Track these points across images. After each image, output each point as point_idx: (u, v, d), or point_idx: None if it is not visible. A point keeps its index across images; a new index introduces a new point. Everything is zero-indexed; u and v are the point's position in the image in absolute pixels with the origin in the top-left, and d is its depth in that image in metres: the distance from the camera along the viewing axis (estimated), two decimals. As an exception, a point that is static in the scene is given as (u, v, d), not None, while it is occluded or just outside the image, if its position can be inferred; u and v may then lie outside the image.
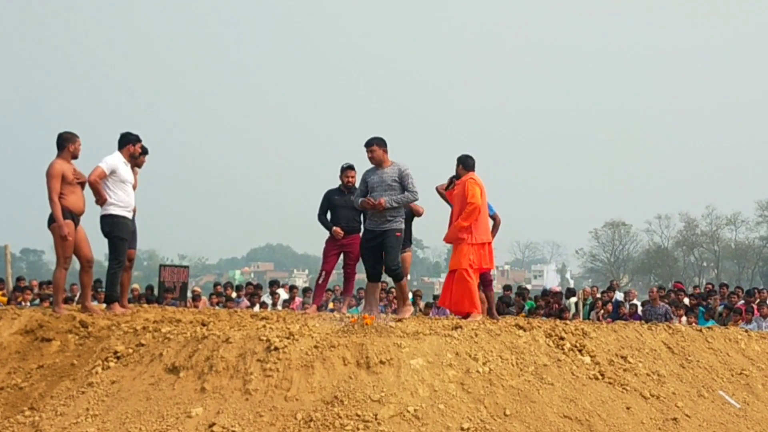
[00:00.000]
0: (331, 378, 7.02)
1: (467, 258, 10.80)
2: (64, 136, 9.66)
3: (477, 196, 10.72)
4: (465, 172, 11.12)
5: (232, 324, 8.83)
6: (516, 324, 9.30)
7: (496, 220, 11.71)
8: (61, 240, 9.48)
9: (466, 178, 11.01)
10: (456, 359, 7.66)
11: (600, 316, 17.58)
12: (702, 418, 8.77)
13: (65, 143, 9.64)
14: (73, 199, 9.61)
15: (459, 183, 11.09)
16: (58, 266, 9.69)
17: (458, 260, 10.89)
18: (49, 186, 9.43)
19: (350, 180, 12.08)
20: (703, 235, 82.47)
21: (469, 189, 10.81)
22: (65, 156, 9.64)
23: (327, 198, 12.23)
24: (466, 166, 11.17)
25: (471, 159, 11.22)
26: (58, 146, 9.64)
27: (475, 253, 10.84)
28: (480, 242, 10.86)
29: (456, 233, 10.85)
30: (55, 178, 9.44)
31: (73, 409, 7.13)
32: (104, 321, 8.86)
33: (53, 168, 9.49)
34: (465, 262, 10.80)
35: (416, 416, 6.77)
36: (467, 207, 10.71)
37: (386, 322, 8.25)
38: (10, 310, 9.38)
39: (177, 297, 16.46)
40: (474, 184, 10.84)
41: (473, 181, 10.89)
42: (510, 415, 7.22)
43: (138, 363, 7.62)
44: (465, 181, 10.96)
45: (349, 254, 12.19)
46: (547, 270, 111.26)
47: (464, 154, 11.27)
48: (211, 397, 6.91)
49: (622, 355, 9.34)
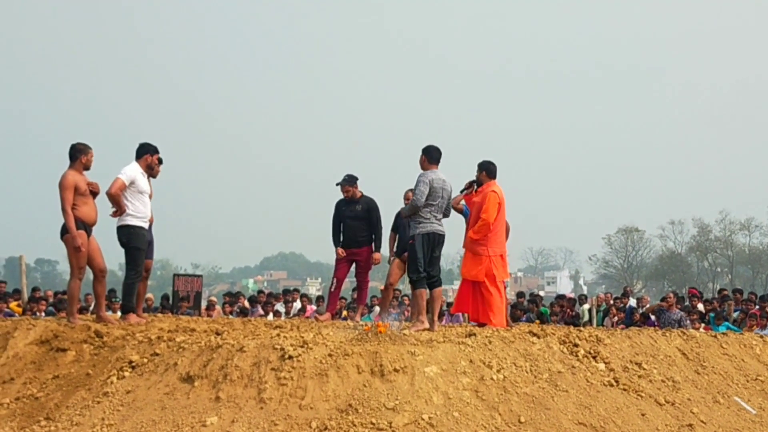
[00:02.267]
0: (345, 386, 7.03)
1: (485, 269, 10.67)
2: (76, 147, 9.71)
3: (491, 212, 10.53)
4: (487, 180, 10.90)
5: (246, 333, 8.86)
6: (530, 331, 9.30)
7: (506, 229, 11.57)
8: (74, 251, 9.52)
9: (488, 189, 10.78)
10: (470, 367, 7.66)
11: (614, 323, 17.54)
12: (717, 424, 8.74)
13: (78, 154, 9.69)
14: (86, 210, 9.65)
15: (481, 191, 10.86)
16: (72, 277, 9.72)
17: (476, 272, 10.73)
18: (62, 197, 9.47)
19: (346, 195, 12.19)
20: (717, 241, 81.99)
21: (486, 203, 10.64)
22: (77, 167, 9.68)
23: (336, 208, 12.32)
24: (489, 173, 10.92)
25: (494, 166, 10.96)
26: (71, 157, 9.69)
27: (497, 266, 10.75)
28: (496, 255, 10.77)
29: (471, 244, 10.76)
30: (68, 189, 9.48)
31: (88, 419, 7.16)
32: (119, 331, 8.89)
33: (66, 179, 9.54)
34: (482, 274, 10.68)
35: (431, 424, 6.78)
36: (479, 221, 10.61)
37: (399, 330, 8.26)
38: (25, 321, 9.42)
39: (191, 306, 16.47)
40: (495, 199, 10.64)
41: (495, 195, 10.67)
42: (525, 423, 7.21)
43: (153, 372, 7.64)
44: (487, 193, 10.73)
45: (359, 263, 12.24)
46: (560, 276, 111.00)
47: (487, 161, 11.00)
48: (226, 406, 6.93)
49: (636, 362, 9.32)
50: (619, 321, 17.68)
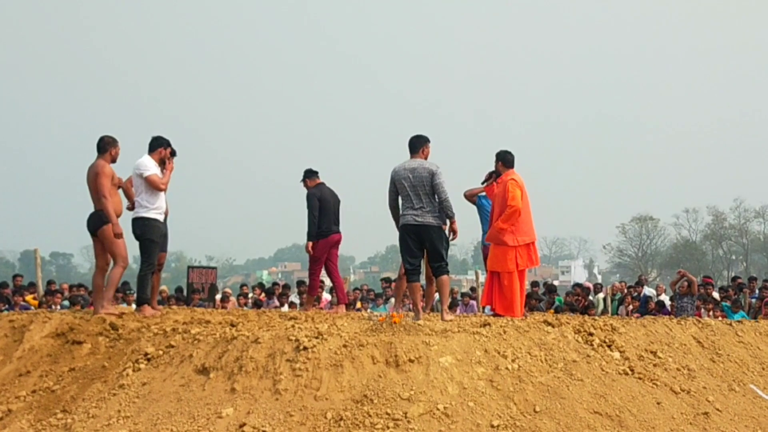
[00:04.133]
0: (360, 377, 7.04)
1: (513, 261, 10.58)
2: (105, 140, 9.76)
3: (518, 198, 10.49)
4: (505, 169, 10.85)
5: (261, 324, 8.87)
6: (544, 320, 9.28)
7: None
8: (116, 239, 9.57)
9: (508, 177, 10.72)
10: (485, 356, 7.66)
11: (628, 312, 17.52)
12: (733, 412, 8.72)
13: (107, 147, 9.73)
14: (116, 201, 9.74)
15: (500, 182, 10.81)
16: (116, 266, 9.67)
17: (503, 263, 10.66)
18: (101, 183, 9.50)
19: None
20: (732, 228, 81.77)
21: (510, 190, 10.55)
22: (106, 158, 9.73)
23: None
24: (506, 162, 10.88)
25: (511, 155, 10.93)
26: (100, 149, 9.70)
27: (521, 255, 10.67)
28: (524, 243, 10.71)
29: (497, 235, 10.66)
30: (107, 177, 9.54)
31: (104, 411, 7.19)
32: (134, 323, 8.92)
33: (104, 167, 9.59)
34: (510, 265, 10.58)
35: (446, 414, 6.78)
36: (507, 209, 10.48)
37: (414, 321, 8.26)
38: (41, 314, 9.46)
39: (205, 298, 16.53)
40: (515, 186, 10.58)
41: (515, 183, 10.61)
42: (540, 412, 7.21)
43: (168, 364, 7.67)
44: (506, 182, 10.67)
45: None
46: (574, 266, 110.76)
47: (504, 150, 10.96)
48: (242, 398, 6.95)
49: (651, 350, 9.30)
50: (634, 309, 17.65)
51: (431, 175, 9.34)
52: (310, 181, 12.23)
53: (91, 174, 9.63)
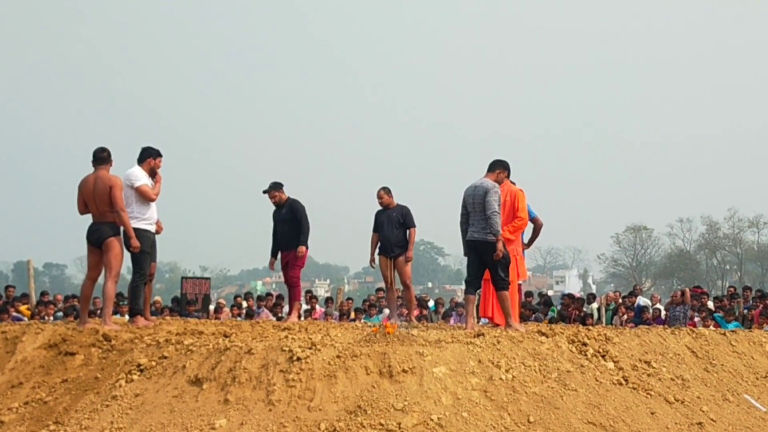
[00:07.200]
0: (354, 387, 7.03)
1: (513, 271, 10.52)
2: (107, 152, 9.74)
3: (526, 211, 10.59)
4: (505, 179, 10.48)
5: (255, 335, 8.86)
6: (538, 330, 9.29)
7: (537, 223, 11.38)
8: (125, 252, 9.64)
9: (515, 188, 10.71)
10: (479, 367, 7.65)
11: (623, 321, 17.52)
12: (727, 422, 8.72)
13: (110, 158, 9.71)
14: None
15: (504, 191, 10.37)
16: (110, 280, 9.61)
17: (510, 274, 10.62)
18: (117, 197, 9.50)
19: (273, 201, 12.73)
20: (726, 238, 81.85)
21: (519, 202, 10.57)
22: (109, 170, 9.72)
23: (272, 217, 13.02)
24: (509, 173, 10.54)
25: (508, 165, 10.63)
26: (104, 160, 9.64)
27: (518, 265, 10.73)
28: (521, 256, 10.80)
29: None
30: (121, 189, 9.55)
31: (97, 422, 7.17)
32: (127, 334, 8.90)
33: (118, 180, 9.61)
34: (512, 275, 10.46)
35: (440, 424, 6.77)
36: (516, 221, 10.51)
37: (408, 331, 8.25)
38: (33, 325, 9.44)
39: (199, 309, 16.52)
40: (523, 198, 10.61)
41: (523, 194, 10.64)
42: (534, 422, 7.20)
43: (161, 375, 7.65)
44: (515, 192, 10.64)
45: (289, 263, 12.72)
46: (568, 276, 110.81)
47: (503, 159, 10.47)
48: (235, 409, 6.93)
49: (645, 360, 9.30)
50: (628, 319, 17.67)
51: (485, 192, 9.72)
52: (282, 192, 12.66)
53: (103, 186, 9.50)
